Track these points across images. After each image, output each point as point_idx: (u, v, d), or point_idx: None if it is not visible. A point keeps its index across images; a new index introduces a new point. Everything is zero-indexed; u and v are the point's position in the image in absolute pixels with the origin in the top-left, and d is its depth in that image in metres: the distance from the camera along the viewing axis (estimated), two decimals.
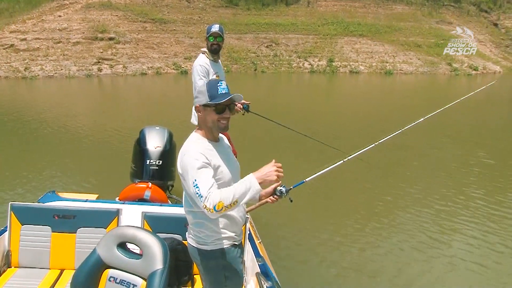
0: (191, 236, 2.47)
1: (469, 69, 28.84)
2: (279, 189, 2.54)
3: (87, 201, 3.90)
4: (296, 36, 28.49)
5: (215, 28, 4.91)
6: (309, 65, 26.90)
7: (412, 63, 28.41)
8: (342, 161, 3.15)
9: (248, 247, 3.41)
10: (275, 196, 2.55)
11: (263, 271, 3.05)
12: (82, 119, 12.00)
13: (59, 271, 3.38)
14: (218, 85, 2.35)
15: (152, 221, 3.46)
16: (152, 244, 2.22)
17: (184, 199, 2.47)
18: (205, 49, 5.01)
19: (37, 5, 25.92)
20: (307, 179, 2.84)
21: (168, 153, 4.99)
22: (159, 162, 4.89)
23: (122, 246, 2.30)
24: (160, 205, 3.94)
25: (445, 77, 27.28)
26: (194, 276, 3.45)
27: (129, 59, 23.34)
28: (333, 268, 4.75)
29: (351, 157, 3.17)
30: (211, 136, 2.42)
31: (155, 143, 4.97)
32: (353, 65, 27.32)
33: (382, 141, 3.58)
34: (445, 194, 6.85)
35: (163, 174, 4.93)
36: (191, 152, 2.27)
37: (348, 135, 10.45)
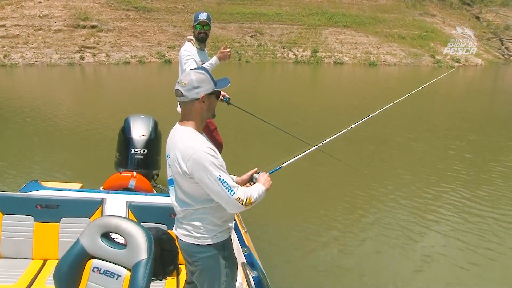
0: (188, 233, 2.40)
1: (451, 61, 29.17)
2: (255, 176, 2.61)
3: (70, 190, 3.83)
4: (280, 26, 28.31)
5: (203, 16, 4.86)
6: (294, 55, 26.81)
7: (395, 55, 28.59)
8: (314, 147, 3.32)
9: (233, 236, 3.41)
10: (251, 182, 2.60)
11: (249, 261, 3.06)
12: (65, 108, 11.79)
13: (42, 261, 3.34)
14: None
15: (136, 210, 3.44)
16: (136, 234, 2.19)
17: (176, 199, 2.42)
18: (191, 37, 4.96)
19: None
20: (283, 165, 2.92)
21: (153, 142, 4.93)
22: (144, 151, 4.84)
23: (106, 236, 2.26)
24: (145, 195, 3.89)
25: (427, 69, 27.53)
26: (179, 265, 3.45)
27: (112, 48, 22.93)
28: (319, 255, 4.79)
29: (322, 144, 3.34)
30: (201, 128, 2.41)
31: (140, 131, 4.90)
32: (337, 56, 27.34)
33: (353, 127, 3.80)
34: (429, 190, 6.96)
35: (148, 163, 4.88)
36: (203, 148, 2.25)
37: (324, 126, 10.43)
